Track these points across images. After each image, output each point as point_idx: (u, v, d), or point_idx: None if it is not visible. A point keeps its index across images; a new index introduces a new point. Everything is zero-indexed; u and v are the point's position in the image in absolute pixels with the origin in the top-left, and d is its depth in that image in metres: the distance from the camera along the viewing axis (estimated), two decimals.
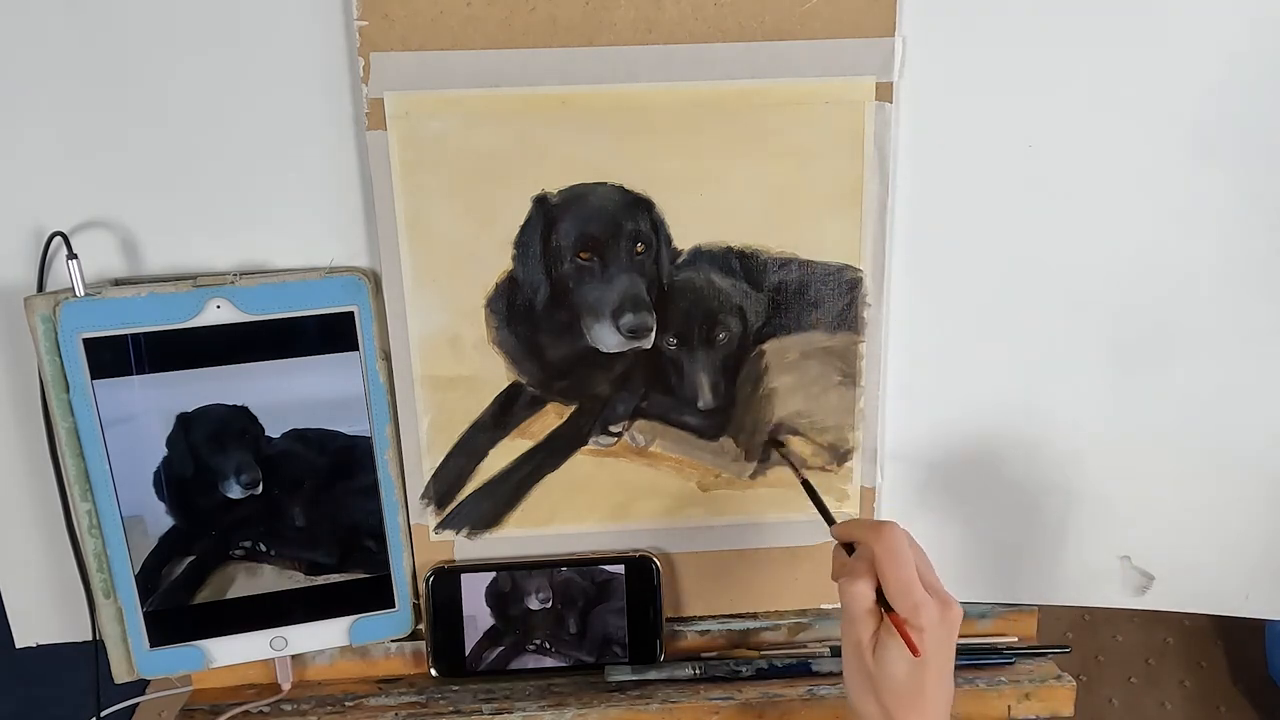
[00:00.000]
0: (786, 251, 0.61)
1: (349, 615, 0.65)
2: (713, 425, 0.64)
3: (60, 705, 1.17)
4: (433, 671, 0.66)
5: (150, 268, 0.60)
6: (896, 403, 0.65)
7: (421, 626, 0.66)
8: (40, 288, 0.58)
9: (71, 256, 0.56)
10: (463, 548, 0.66)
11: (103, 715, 0.65)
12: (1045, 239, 0.62)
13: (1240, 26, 0.58)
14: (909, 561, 0.50)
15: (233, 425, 0.60)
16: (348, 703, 0.66)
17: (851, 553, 0.54)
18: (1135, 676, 1.35)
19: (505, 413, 0.63)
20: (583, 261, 0.60)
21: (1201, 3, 0.58)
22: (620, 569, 0.66)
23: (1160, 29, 0.58)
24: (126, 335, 0.57)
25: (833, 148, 0.60)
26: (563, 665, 0.67)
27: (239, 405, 0.60)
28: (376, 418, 0.62)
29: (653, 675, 0.67)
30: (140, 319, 0.57)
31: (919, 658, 0.48)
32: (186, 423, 0.60)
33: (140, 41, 0.56)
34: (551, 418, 0.64)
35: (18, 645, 0.66)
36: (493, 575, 0.66)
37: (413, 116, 0.57)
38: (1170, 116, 0.60)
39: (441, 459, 0.64)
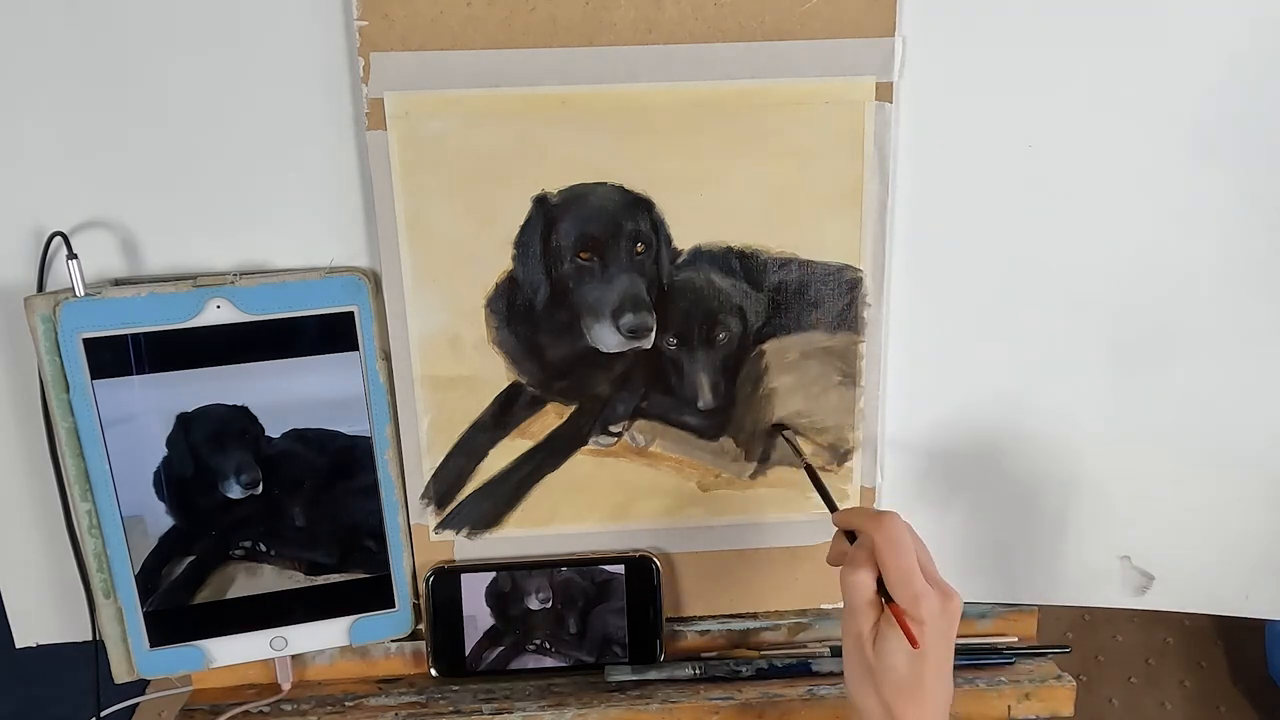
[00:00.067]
0: (786, 251, 0.61)
1: (349, 615, 0.65)
2: (713, 425, 0.64)
3: (60, 705, 1.17)
4: (433, 671, 0.66)
5: (150, 268, 0.60)
6: (896, 402, 0.65)
7: (421, 626, 0.66)
8: (40, 288, 0.58)
9: (71, 256, 0.56)
10: (463, 548, 0.66)
11: (103, 715, 0.65)
12: (1045, 239, 0.62)
13: (1240, 26, 0.58)
14: (910, 551, 0.50)
15: (233, 425, 0.60)
16: (348, 703, 0.66)
17: (853, 541, 0.54)
18: (1135, 676, 1.35)
19: (505, 413, 0.63)
20: (583, 261, 0.60)
21: (1201, 3, 0.58)
22: (620, 569, 0.66)
23: (1160, 29, 0.58)
24: (126, 335, 0.57)
25: (833, 148, 0.60)
26: (563, 665, 0.67)
27: (239, 405, 0.60)
28: (376, 418, 0.62)
29: (653, 675, 0.67)
30: (140, 319, 0.57)
31: (919, 649, 0.48)
32: (186, 423, 0.60)
33: (140, 41, 0.56)
34: (551, 418, 0.64)
35: (18, 645, 0.66)
36: (493, 575, 0.66)
37: (413, 116, 0.57)
38: (1170, 116, 0.60)
39: (441, 459, 0.64)
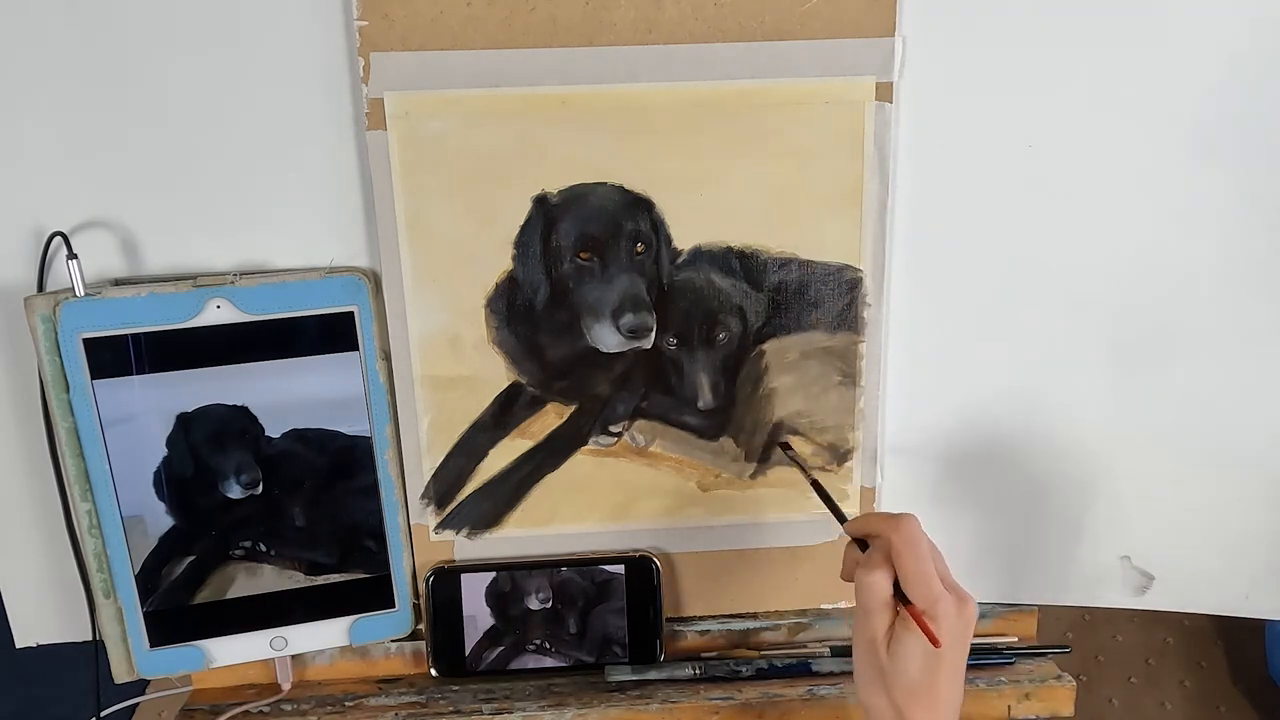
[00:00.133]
0: (786, 251, 0.61)
1: (349, 615, 0.65)
2: (713, 425, 0.64)
3: (60, 705, 1.17)
4: (433, 671, 0.66)
5: (150, 268, 0.60)
6: (896, 403, 0.65)
7: (421, 626, 0.66)
8: (40, 288, 0.58)
9: (71, 256, 0.56)
10: (463, 548, 0.66)
11: (103, 715, 0.65)
12: (1045, 239, 0.62)
13: (1240, 26, 0.58)
14: (928, 554, 0.49)
15: (233, 425, 0.60)
16: (348, 703, 0.66)
17: (864, 550, 0.53)
18: (1135, 676, 1.35)
19: (505, 413, 0.63)
20: (583, 261, 0.60)
21: (1201, 3, 0.58)
22: (620, 569, 0.66)
23: (1160, 29, 0.58)
24: (126, 335, 0.57)
25: (833, 148, 0.60)
26: (563, 665, 0.67)
27: (239, 405, 0.60)
28: (376, 418, 0.62)
29: (653, 675, 0.67)
30: (140, 319, 0.57)
31: (938, 649, 0.48)
32: (186, 423, 0.60)
33: (140, 41, 0.56)
34: (551, 418, 0.64)
35: (18, 645, 0.66)
36: (493, 575, 0.66)
37: (413, 116, 0.57)
38: (1170, 116, 0.60)
39: (441, 459, 0.64)
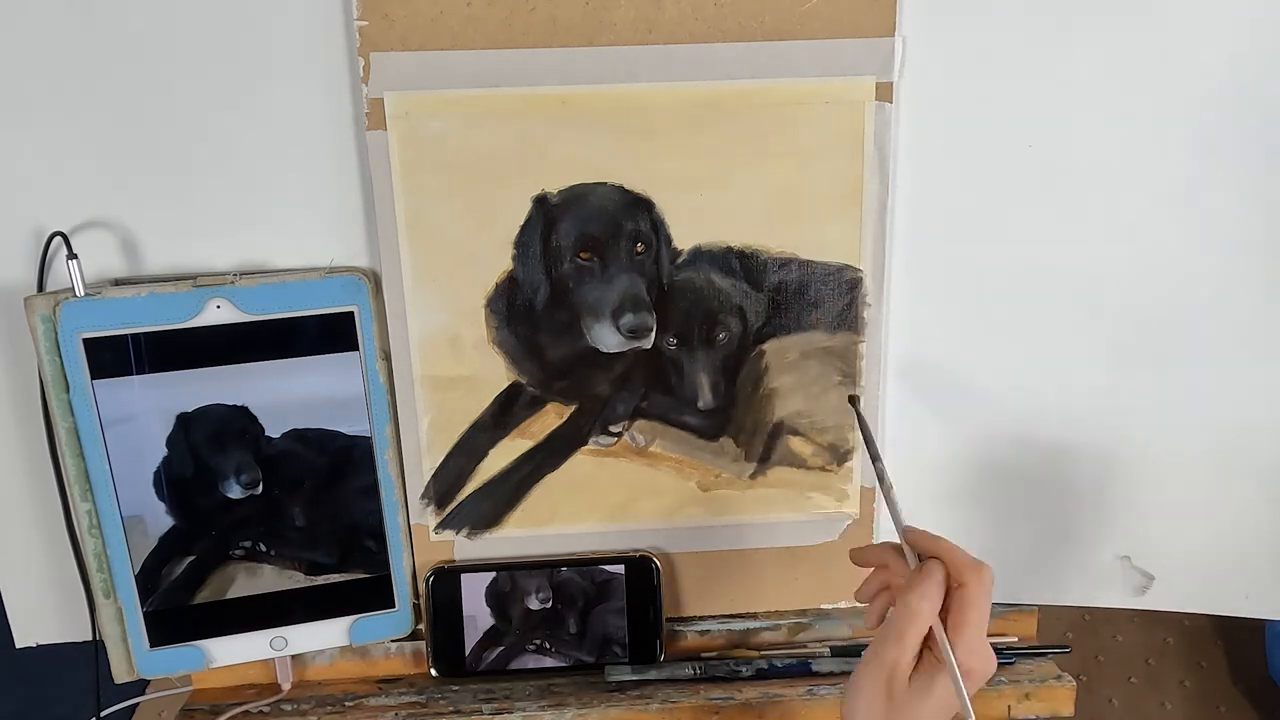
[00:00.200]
0: (786, 251, 0.61)
1: (349, 615, 0.65)
2: (713, 425, 0.64)
3: (60, 705, 1.17)
4: (433, 671, 0.66)
5: (150, 268, 0.60)
6: (896, 403, 0.65)
7: (421, 626, 0.66)
8: (40, 288, 0.58)
9: (71, 256, 0.56)
10: (463, 548, 0.66)
11: (103, 715, 0.65)
12: (1045, 239, 0.62)
13: (1240, 26, 0.58)
14: (988, 612, 0.48)
15: (233, 425, 0.60)
16: (348, 703, 0.66)
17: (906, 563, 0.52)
18: (1135, 676, 1.35)
19: (505, 413, 0.63)
20: (583, 261, 0.60)
21: (1201, 3, 0.58)
22: (620, 569, 0.66)
23: (1160, 29, 0.58)
24: (126, 335, 0.57)
25: (833, 148, 0.59)
26: (563, 665, 0.67)
27: (239, 405, 0.60)
28: (376, 418, 0.62)
29: (653, 675, 0.67)
30: (140, 319, 0.57)
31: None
32: (186, 423, 0.60)
33: (140, 41, 0.56)
34: (551, 418, 0.64)
35: (18, 645, 0.66)
36: (493, 575, 0.66)
37: (413, 116, 0.57)
38: (1170, 116, 0.60)
39: (441, 459, 0.64)
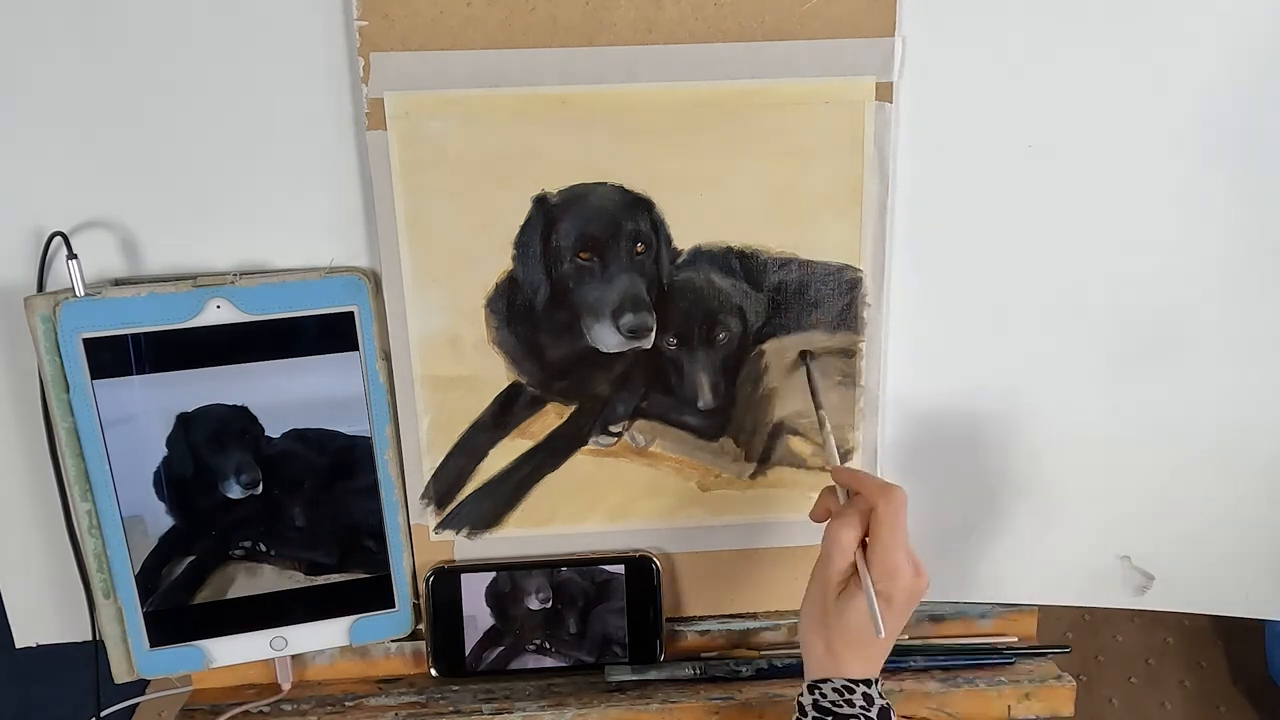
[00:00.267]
0: (786, 251, 0.61)
1: (349, 615, 0.65)
2: (713, 425, 0.64)
3: (60, 705, 1.17)
4: (433, 671, 0.66)
5: (150, 268, 0.60)
6: (896, 403, 0.65)
7: (421, 626, 0.66)
8: (40, 288, 0.58)
9: (71, 256, 0.56)
10: (463, 548, 0.66)
11: (103, 715, 0.65)
12: (1045, 239, 0.62)
13: (1240, 26, 0.58)
14: (904, 529, 0.52)
15: (233, 425, 0.60)
16: (348, 703, 0.66)
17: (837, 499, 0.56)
18: (1135, 676, 1.35)
19: (505, 413, 0.63)
20: (583, 261, 0.60)
21: (1201, 3, 0.58)
22: (620, 569, 0.66)
23: (1160, 29, 0.58)
24: (126, 335, 0.57)
25: (833, 148, 0.59)
26: (563, 665, 0.67)
27: (239, 405, 0.60)
28: (376, 418, 0.62)
29: (653, 675, 0.67)
30: (140, 319, 0.57)
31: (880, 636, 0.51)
32: (186, 423, 0.60)
33: (140, 41, 0.56)
34: (551, 418, 0.64)
35: (18, 645, 0.66)
36: (493, 575, 0.66)
37: (413, 116, 0.57)
38: (1170, 116, 0.60)
39: (441, 459, 0.64)
